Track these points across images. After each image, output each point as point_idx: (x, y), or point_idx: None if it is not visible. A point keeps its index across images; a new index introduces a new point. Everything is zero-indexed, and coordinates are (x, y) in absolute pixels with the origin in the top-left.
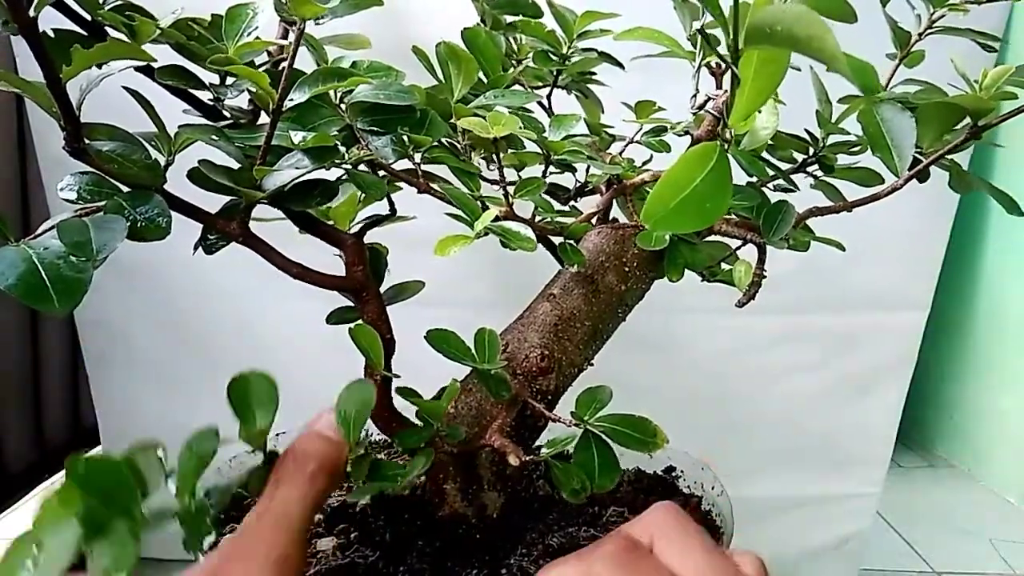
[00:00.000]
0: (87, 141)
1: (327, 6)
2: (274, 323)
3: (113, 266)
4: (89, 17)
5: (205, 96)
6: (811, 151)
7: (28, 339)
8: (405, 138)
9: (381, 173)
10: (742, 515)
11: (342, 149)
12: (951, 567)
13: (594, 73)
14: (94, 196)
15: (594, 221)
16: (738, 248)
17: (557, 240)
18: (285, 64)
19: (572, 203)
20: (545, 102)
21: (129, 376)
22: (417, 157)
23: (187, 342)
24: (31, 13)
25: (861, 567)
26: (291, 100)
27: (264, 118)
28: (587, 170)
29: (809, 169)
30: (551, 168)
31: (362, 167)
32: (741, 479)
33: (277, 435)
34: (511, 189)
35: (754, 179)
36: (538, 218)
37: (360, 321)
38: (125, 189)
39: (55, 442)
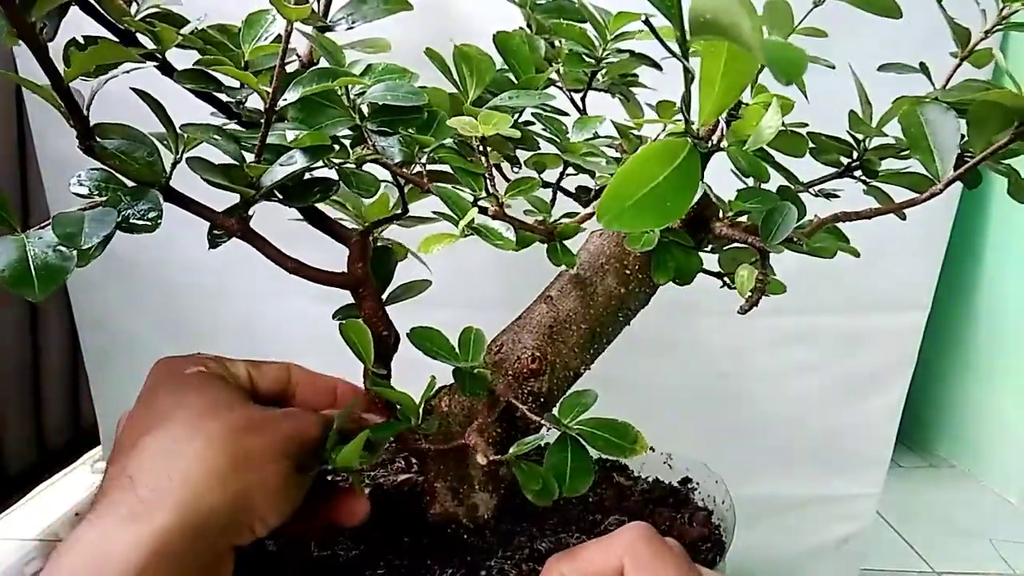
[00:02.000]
0: (98, 139)
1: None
2: (274, 323)
3: (114, 266)
4: (118, 24)
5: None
6: (855, 155)
7: (28, 339)
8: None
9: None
10: (742, 515)
11: (347, 147)
12: (951, 567)
13: (636, 75)
14: (101, 191)
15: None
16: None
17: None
18: (290, 66)
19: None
20: (580, 103)
21: (129, 376)
22: (423, 158)
23: (187, 342)
24: (30, 19)
25: (861, 567)
26: (284, 100)
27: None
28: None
29: (855, 174)
30: (572, 170)
31: (370, 167)
32: (741, 479)
33: None
34: (501, 189)
35: (787, 183)
36: (534, 218)
37: (350, 318)
38: (129, 185)
39: (55, 442)
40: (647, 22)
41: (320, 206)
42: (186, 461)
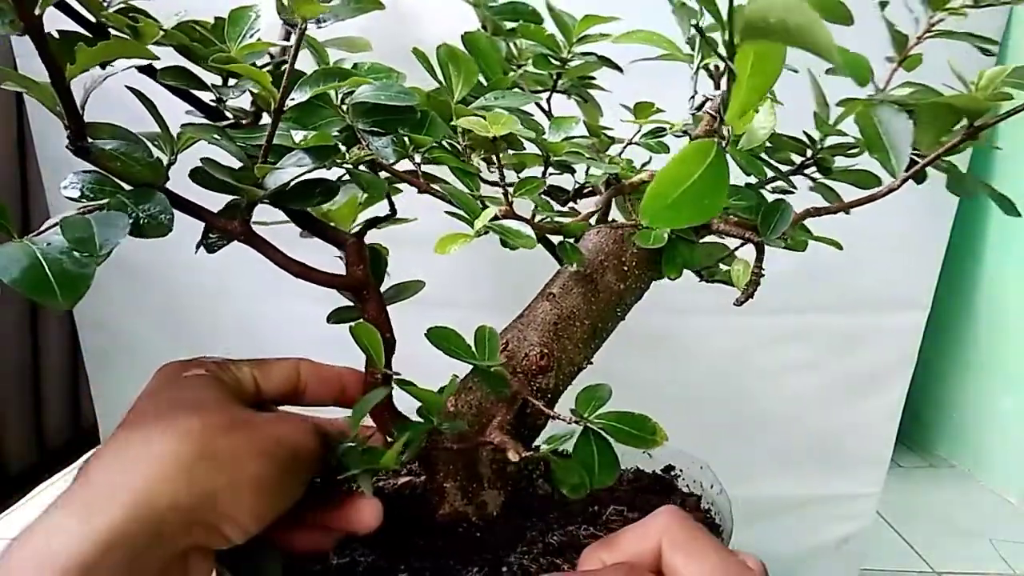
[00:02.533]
0: (90, 140)
1: (328, 5)
2: (275, 324)
3: (114, 266)
4: (93, 19)
5: (207, 97)
6: (809, 153)
7: (28, 339)
8: (406, 139)
9: (383, 173)
10: (741, 515)
11: (343, 149)
12: (951, 567)
13: (594, 78)
14: (97, 194)
15: (593, 221)
16: (737, 248)
17: (557, 239)
18: (286, 65)
19: (572, 204)
20: (545, 105)
21: (129, 376)
22: (417, 157)
23: (188, 342)
24: (36, 12)
25: (861, 567)
26: (292, 100)
27: (266, 119)
28: (587, 171)
29: (807, 171)
30: (550, 169)
31: (363, 167)
32: (741, 479)
33: None
34: (510, 189)
35: (753, 179)
36: (537, 217)
37: (360, 320)
38: (127, 187)
39: (55, 442)
40: (698, 27)
41: None
42: (153, 457)
